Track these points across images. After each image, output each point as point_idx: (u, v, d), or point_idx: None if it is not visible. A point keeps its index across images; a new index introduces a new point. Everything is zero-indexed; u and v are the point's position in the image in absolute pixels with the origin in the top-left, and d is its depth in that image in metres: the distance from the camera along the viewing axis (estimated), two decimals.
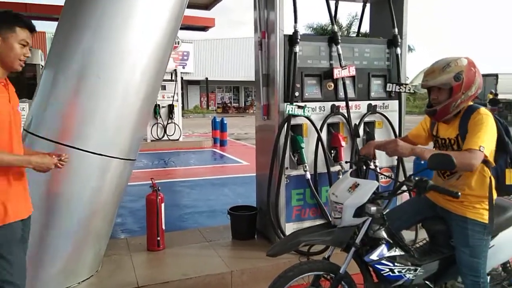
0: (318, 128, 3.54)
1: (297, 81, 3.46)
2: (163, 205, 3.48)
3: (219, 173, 7.95)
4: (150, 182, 3.53)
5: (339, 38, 3.55)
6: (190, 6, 9.29)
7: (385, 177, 3.82)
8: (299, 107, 3.41)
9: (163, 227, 3.49)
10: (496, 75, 26.70)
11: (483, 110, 2.13)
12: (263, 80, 3.58)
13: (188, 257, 3.34)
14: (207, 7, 9.08)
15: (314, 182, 3.58)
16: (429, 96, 2.23)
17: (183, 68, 30.09)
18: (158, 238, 3.40)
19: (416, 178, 2.00)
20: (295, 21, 3.41)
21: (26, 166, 1.91)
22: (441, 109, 2.16)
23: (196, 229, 4.07)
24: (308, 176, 3.48)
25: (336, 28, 3.62)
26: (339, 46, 3.55)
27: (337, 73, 3.54)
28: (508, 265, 2.58)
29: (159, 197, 3.43)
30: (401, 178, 3.81)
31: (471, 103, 2.21)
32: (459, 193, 1.89)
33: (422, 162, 4.33)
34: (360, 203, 2.07)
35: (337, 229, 2.14)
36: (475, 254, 2.17)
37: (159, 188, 3.48)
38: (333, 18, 3.70)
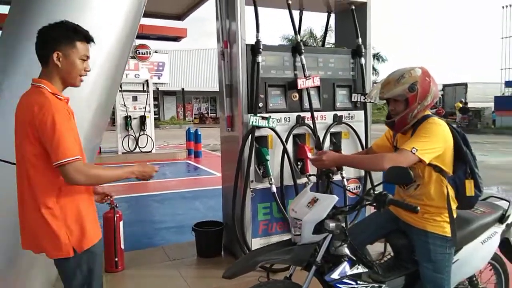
0: (284, 139, 3.46)
1: (260, 92, 3.38)
2: (121, 223, 3.30)
3: (191, 186, 7.77)
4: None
5: (303, 48, 3.50)
6: (162, 16, 9.24)
7: (350, 191, 3.77)
8: (263, 118, 3.33)
9: (122, 246, 3.31)
10: (466, 84, 27.66)
11: (433, 119, 2.12)
12: (226, 91, 3.49)
13: (148, 278, 3.17)
14: (180, 17, 8.94)
15: (281, 195, 3.49)
16: (388, 107, 2.20)
17: (159, 78, 29.80)
18: (116, 259, 3.21)
19: (376, 192, 1.92)
20: (257, 31, 3.34)
21: (130, 177, 1.88)
22: (399, 120, 2.13)
23: (160, 247, 3.89)
24: (274, 189, 3.38)
25: (299, 38, 3.58)
26: (302, 56, 3.50)
27: (301, 83, 3.48)
28: (474, 278, 2.52)
29: (117, 215, 3.25)
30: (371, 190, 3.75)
31: (428, 113, 2.18)
32: (418, 208, 1.80)
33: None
34: (319, 219, 1.96)
35: (297, 246, 2.02)
36: (438, 269, 2.10)
37: (117, 205, 3.30)
38: (296, 28, 3.64)
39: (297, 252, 2.00)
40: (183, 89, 31.03)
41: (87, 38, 1.80)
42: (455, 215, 2.14)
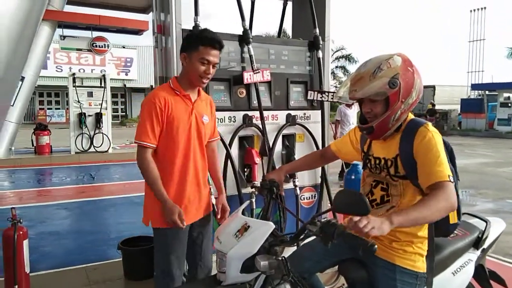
0: (228, 142, 2.98)
1: None
2: (25, 242, 2.71)
3: (142, 190, 7.14)
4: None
5: (251, 37, 3.03)
6: (127, 9, 8.54)
7: (307, 198, 3.34)
8: None
9: (27, 270, 2.72)
10: (434, 87, 28.18)
11: (431, 126, 1.70)
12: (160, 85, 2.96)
13: None
14: (145, 10, 8.36)
15: None
16: (361, 108, 1.73)
17: (126, 75, 28.82)
18: (16, 287, 2.63)
19: (322, 220, 1.46)
20: (196, 14, 2.84)
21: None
22: (379, 126, 1.66)
23: (82, 266, 3.32)
24: (213, 200, 2.87)
25: (247, 25, 3.10)
26: (250, 47, 3.03)
27: (248, 77, 3.00)
28: None
29: (20, 233, 2.67)
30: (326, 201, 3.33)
31: (412, 116, 1.74)
32: (376, 247, 1.32)
33: (353, 177, 3.94)
34: (249, 253, 1.52)
35: (221, 287, 1.57)
36: None
37: (21, 220, 2.72)
38: (244, 14, 3.14)
39: None
40: (151, 86, 30.03)
41: (212, 44, 2.05)
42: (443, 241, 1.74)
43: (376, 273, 1.73)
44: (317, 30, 3.33)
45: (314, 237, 1.51)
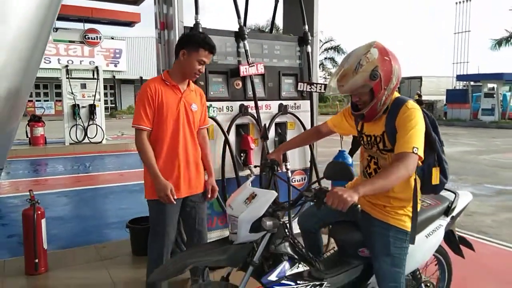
0: (226, 129, 3.26)
1: (200, 79, 3.15)
2: (43, 221, 2.99)
3: (140, 179, 7.39)
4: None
5: (246, 33, 3.30)
6: (117, 0, 8.65)
7: (298, 180, 3.65)
8: None
9: (45, 246, 3.00)
10: (420, 78, 28.67)
11: (411, 103, 1.92)
12: None
13: (73, 280, 2.90)
14: (136, 2, 8.50)
15: (222, 188, 3.29)
16: (351, 97, 2.01)
17: (115, 66, 28.63)
18: (36, 260, 2.91)
19: (316, 188, 1.78)
20: (196, 12, 3.10)
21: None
22: (369, 112, 1.93)
23: (92, 245, 3.60)
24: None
25: (242, 21, 3.37)
26: (246, 42, 3.30)
27: (244, 70, 3.28)
28: (417, 272, 2.46)
29: (38, 212, 2.94)
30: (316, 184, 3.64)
31: (398, 95, 2.00)
32: (358, 206, 1.60)
33: (340, 160, 4.27)
34: (257, 216, 1.82)
35: (234, 246, 1.87)
36: (396, 263, 1.99)
37: (38, 201, 2.99)
38: (239, 12, 3.40)
39: (233, 252, 1.86)
40: (141, 77, 30.00)
41: (210, 49, 2.38)
42: (419, 209, 2.04)
43: (373, 232, 2.04)
44: (306, 27, 3.61)
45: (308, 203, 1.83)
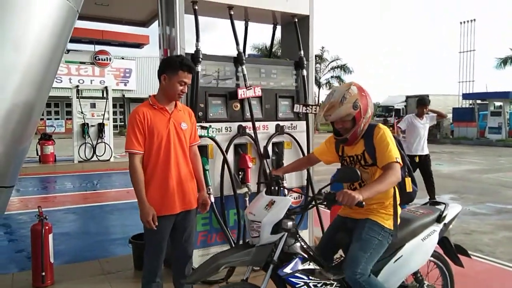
0: (224, 149, 3.44)
1: (200, 101, 3.35)
2: (50, 236, 3.16)
3: None
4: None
5: (244, 58, 3.51)
6: (127, 23, 9.04)
7: (295, 197, 3.78)
8: (202, 127, 3.29)
9: (51, 260, 3.16)
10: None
11: (381, 125, 2.34)
12: None
13: None
14: (145, 24, 8.81)
15: (221, 205, 3.45)
16: (333, 125, 2.38)
17: (125, 85, 29.19)
18: (43, 273, 3.06)
19: (325, 192, 2.13)
20: (197, 40, 3.32)
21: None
22: (351, 137, 2.31)
23: (96, 260, 3.75)
24: (212, 199, 3.33)
25: (241, 48, 3.58)
26: (244, 67, 3.51)
27: (242, 93, 3.48)
28: (419, 275, 2.71)
29: (46, 227, 3.11)
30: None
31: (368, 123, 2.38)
32: (363, 203, 2.00)
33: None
34: (277, 219, 2.12)
35: (256, 248, 2.14)
36: (363, 247, 2.22)
37: (46, 217, 3.16)
38: (238, 39, 3.62)
39: (257, 253, 2.13)
40: (150, 96, 30.49)
41: (188, 69, 2.50)
42: (399, 211, 2.36)
43: (356, 229, 2.32)
44: (302, 52, 3.82)
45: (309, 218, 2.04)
